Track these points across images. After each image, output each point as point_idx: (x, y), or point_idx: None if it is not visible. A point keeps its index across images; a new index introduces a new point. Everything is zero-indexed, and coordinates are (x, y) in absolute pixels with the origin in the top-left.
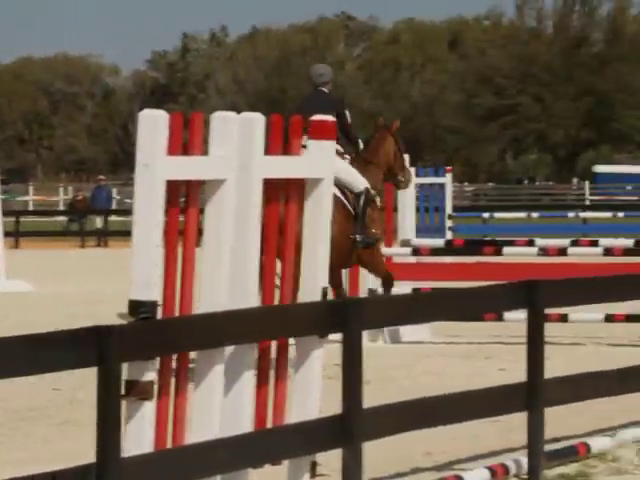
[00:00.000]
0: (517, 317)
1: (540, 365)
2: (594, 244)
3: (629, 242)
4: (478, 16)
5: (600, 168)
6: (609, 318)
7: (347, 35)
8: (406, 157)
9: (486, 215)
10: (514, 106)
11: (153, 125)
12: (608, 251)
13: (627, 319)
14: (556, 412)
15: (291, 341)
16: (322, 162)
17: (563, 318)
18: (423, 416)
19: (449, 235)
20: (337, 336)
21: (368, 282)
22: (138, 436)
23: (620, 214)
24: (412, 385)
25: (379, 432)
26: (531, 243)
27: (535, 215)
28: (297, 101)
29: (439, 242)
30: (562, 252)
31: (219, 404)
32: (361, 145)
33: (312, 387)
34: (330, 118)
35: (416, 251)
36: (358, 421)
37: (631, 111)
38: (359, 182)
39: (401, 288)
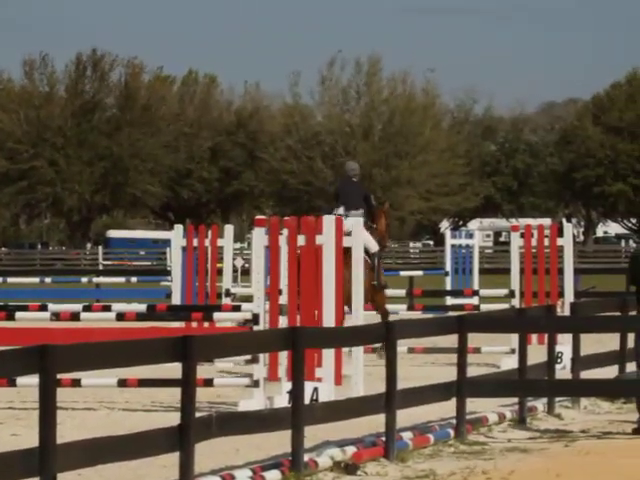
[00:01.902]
0: (30, 382)
1: (52, 430)
2: (107, 309)
3: (142, 307)
4: None
5: (114, 233)
6: (122, 383)
7: None
8: None
9: None
10: (28, 171)
11: None
12: (121, 316)
13: (140, 384)
14: (68, 477)
15: None
16: None
17: (76, 383)
18: None
19: None
20: None
21: None
22: None
23: (133, 279)
24: None
25: None
26: (44, 308)
27: (48, 280)
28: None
29: None
30: (75, 317)
31: None
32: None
33: None
34: None
35: None
36: None
37: (144, 176)
38: (374, 246)
39: None
